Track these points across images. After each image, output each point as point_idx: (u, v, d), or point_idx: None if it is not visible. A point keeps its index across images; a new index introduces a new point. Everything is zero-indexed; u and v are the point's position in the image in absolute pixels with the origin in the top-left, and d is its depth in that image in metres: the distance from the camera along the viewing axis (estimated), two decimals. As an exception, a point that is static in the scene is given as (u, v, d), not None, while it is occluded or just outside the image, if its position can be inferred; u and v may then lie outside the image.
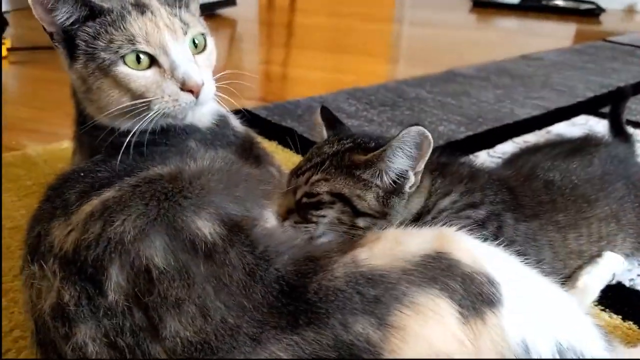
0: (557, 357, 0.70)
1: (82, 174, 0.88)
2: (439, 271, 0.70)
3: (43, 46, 2.43)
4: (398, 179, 0.91)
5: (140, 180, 0.82)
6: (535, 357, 0.69)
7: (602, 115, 2.04)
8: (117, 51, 0.91)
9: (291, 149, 1.64)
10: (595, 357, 0.73)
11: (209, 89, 0.98)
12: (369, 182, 0.92)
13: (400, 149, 0.88)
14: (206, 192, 0.81)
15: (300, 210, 0.95)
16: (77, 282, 0.71)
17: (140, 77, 0.93)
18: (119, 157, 0.90)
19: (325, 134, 1.05)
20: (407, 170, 0.91)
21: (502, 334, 0.68)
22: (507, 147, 1.74)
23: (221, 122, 1.10)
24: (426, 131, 0.86)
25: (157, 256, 0.71)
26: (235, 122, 1.17)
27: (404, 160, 0.90)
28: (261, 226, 0.80)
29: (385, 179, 0.91)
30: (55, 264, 0.74)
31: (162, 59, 0.93)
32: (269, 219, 0.90)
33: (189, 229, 0.74)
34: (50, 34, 0.94)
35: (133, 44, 0.91)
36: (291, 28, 3.96)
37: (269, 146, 1.67)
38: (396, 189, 0.92)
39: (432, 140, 0.87)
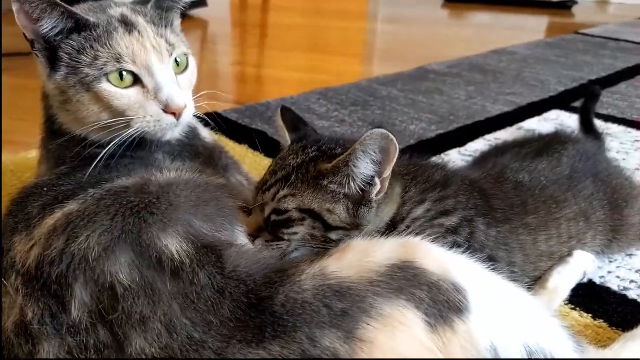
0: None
1: (45, 189, 0.86)
2: (405, 281, 0.70)
3: (16, 53, 2.36)
4: (365, 186, 0.89)
5: (105, 193, 0.82)
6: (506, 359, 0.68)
7: (573, 110, 2.03)
8: (102, 68, 0.90)
9: (261, 153, 1.62)
10: (565, 358, 0.72)
11: (190, 111, 0.99)
12: (337, 192, 0.89)
13: (364, 152, 0.86)
14: (174, 208, 0.80)
15: (270, 228, 0.92)
16: (40, 299, 0.71)
17: (124, 96, 0.92)
18: (89, 170, 0.89)
19: (288, 137, 1.02)
20: (373, 177, 0.88)
21: (472, 340, 0.68)
22: (478, 145, 1.73)
23: (190, 134, 1.09)
24: (390, 134, 0.84)
25: (122, 273, 0.71)
26: (204, 133, 1.16)
27: (369, 165, 0.87)
28: (236, 247, 0.80)
29: (353, 186, 0.88)
30: (17, 281, 0.74)
31: (146, 80, 0.93)
32: (241, 237, 0.90)
33: (155, 246, 0.74)
34: (31, 42, 0.93)
35: (119, 62, 0.91)
36: (264, 28, 3.93)
37: (240, 150, 1.65)
38: (364, 198, 0.89)
39: (397, 145, 0.85)
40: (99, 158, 0.90)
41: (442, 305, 0.69)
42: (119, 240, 0.73)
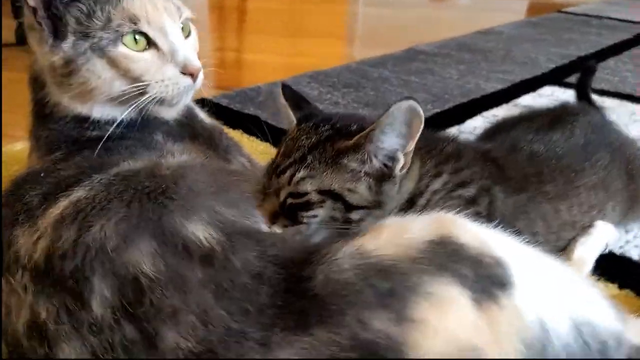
0: (574, 332, 0.66)
1: (42, 175, 0.80)
2: (446, 257, 0.65)
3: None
4: (388, 161, 0.85)
5: (112, 177, 0.76)
6: (553, 335, 0.64)
7: (566, 85, 2.04)
8: (117, 30, 0.86)
9: (257, 137, 1.58)
10: (609, 329, 0.69)
11: (202, 75, 0.95)
12: (358, 171, 0.85)
13: (390, 126, 0.81)
14: (195, 194, 0.75)
15: (287, 212, 0.88)
16: (53, 296, 0.64)
17: (141, 59, 0.88)
18: (88, 154, 0.85)
19: (292, 115, 0.97)
20: (397, 151, 0.84)
21: (518, 315, 0.63)
22: (477, 122, 1.71)
23: (188, 114, 1.04)
24: (418, 106, 0.80)
25: (145, 263, 0.64)
26: (202, 114, 1.11)
27: (394, 139, 0.83)
28: (271, 232, 0.77)
29: (375, 162, 0.84)
30: (24, 277, 0.67)
31: (160, 42, 0.89)
32: (261, 222, 0.85)
33: (180, 233, 0.68)
34: (34, 10, 0.87)
35: (135, 23, 0.87)
36: (243, 13, 3.86)
37: (234, 135, 1.60)
38: (386, 174, 0.86)
39: (423, 117, 0.81)
40: (105, 137, 0.86)
41: (486, 280, 0.64)
42: (138, 228, 0.67)
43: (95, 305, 0.63)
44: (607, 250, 1.05)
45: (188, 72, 0.91)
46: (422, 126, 0.82)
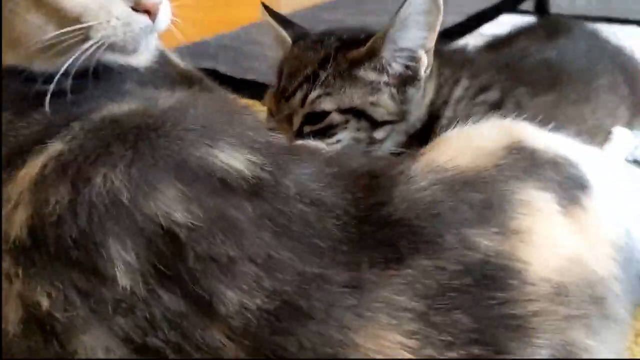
0: None
1: None
2: (527, 162, 0.59)
3: None
4: (410, 61, 0.78)
5: (98, 122, 0.60)
6: (635, 235, 0.60)
7: (522, 12, 2.05)
8: None
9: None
10: None
11: (166, 10, 0.73)
12: (377, 82, 0.78)
13: (410, 18, 0.75)
14: (212, 122, 0.61)
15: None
16: (54, 277, 0.50)
17: None
18: (40, 109, 0.64)
19: (284, 33, 0.90)
20: (418, 48, 0.78)
21: (603, 217, 0.58)
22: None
23: (160, 59, 0.88)
24: None
25: (176, 211, 0.51)
26: (176, 58, 0.97)
27: (415, 33, 0.77)
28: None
29: (395, 66, 0.78)
30: (3, 262, 0.52)
31: None
32: None
33: (211, 167, 0.55)
34: None
35: None
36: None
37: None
38: (410, 78, 0.79)
39: (441, 6, 0.75)
40: (56, 91, 0.65)
41: (567, 183, 0.59)
42: (155, 170, 0.53)
43: (120, 275, 0.49)
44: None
45: (142, 8, 0.68)
46: (441, 17, 0.77)
